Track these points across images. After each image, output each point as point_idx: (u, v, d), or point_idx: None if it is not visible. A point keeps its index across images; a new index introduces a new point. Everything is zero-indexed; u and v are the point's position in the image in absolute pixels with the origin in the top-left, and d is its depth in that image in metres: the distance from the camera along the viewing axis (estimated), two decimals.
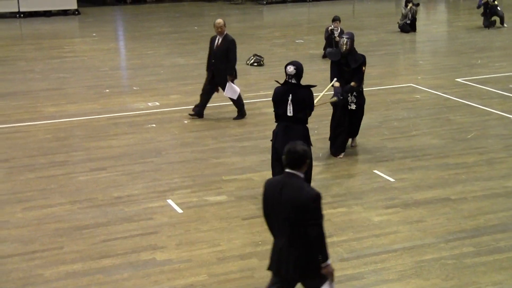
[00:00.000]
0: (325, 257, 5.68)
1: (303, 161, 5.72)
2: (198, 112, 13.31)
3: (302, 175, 5.74)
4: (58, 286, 7.40)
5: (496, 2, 23.64)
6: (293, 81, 9.06)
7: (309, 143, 9.45)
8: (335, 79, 10.97)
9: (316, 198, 5.60)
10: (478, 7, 23.90)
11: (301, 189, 5.64)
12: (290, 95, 9.02)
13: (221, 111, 13.80)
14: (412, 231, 8.51)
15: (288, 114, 9.07)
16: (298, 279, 5.84)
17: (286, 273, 5.80)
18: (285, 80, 9.15)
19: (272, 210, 5.82)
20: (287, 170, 5.76)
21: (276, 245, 5.88)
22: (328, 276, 5.74)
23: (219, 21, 13.18)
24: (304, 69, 8.99)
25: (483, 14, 23.74)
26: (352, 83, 10.87)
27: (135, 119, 13.38)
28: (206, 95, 13.31)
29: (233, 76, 13.13)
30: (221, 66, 13.02)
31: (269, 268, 6.01)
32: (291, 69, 9.01)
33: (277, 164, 9.33)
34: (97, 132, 12.59)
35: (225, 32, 13.13)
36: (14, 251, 8.14)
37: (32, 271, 7.70)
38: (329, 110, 11.48)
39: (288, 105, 9.01)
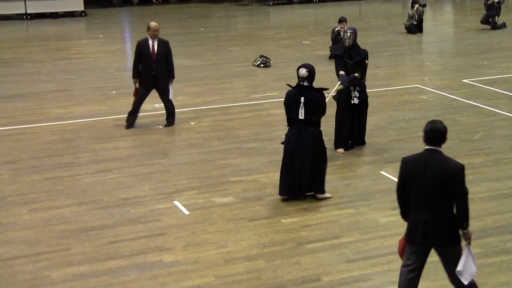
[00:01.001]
0: (468, 223, 6.26)
1: (444, 137, 6.26)
2: (133, 121, 12.95)
3: (441, 150, 6.26)
4: None
5: (499, 3, 23.53)
6: (305, 83, 9.04)
7: (323, 146, 9.42)
8: (342, 72, 11.05)
9: (462, 169, 6.18)
10: (485, 5, 23.80)
11: (447, 163, 6.22)
12: (302, 98, 8.99)
13: (227, 112, 13.79)
14: None
15: (300, 117, 9.05)
16: (442, 245, 6.37)
17: (433, 240, 6.34)
18: (297, 83, 9.10)
19: (414, 186, 6.30)
20: (428, 147, 6.27)
21: (420, 217, 6.34)
22: (468, 240, 6.33)
23: (156, 24, 12.80)
24: None
25: (488, 13, 23.66)
26: (356, 74, 10.97)
27: (141, 120, 13.37)
28: (140, 104, 12.91)
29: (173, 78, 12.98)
30: (163, 70, 12.67)
31: (411, 240, 6.48)
32: (303, 71, 8.98)
33: (288, 168, 9.24)
34: (104, 134, 12.60)
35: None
36: (20, 253, 8.15)
37: (39, 272, 7.70)
38: (333, 110, 11.46)
39: (300, 108, 8.99)
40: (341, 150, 11.28)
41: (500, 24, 23.58)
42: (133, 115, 12.91)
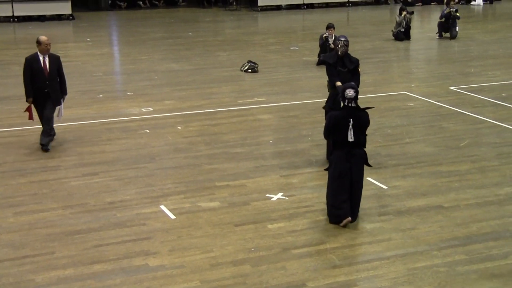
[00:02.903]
0: None
1: None
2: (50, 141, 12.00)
3: None
4: None
5: (458, 14, 23.70)
6: (353, 104, 8.80)
7: (368, 165, 9.20)
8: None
9: None
10: (441, 17, 23.99)
11: None
12: (351, 119, 8.74)
13: (214, 117, 13.79)
14: (404, 239, 8.51)
15: (349, 139, 8.73)
16: None
17: None
18: (344, 105, 8.83)
19: None
20: None
21: None
22: None
23: (47, 38, 11.97)
24: (299, 76, 9.03)
25: (444, 24, 23.81)
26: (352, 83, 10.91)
27: (128, 124, 13.35)
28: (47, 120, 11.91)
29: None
30: (56, 86, 11.83)
31: None
32: (351, 92, 8.74)
33: (341, 194, 8.83)
34: (90, 137, 12.55)
35: None
36: (5, 256, 8.09)
37: (23, 276, 7.66)
38: (323, 116, 11.47)
39: (349, 130, 8.71)
40: None
41: (456, 33, 23.72)
42: (47, 135, 11.90)
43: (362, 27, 27.08)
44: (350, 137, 8.73)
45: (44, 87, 11.74)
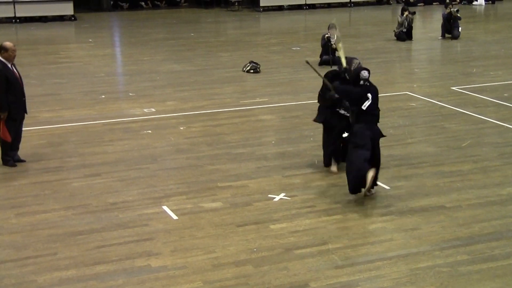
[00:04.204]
0: None
1: None
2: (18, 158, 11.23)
3: None
4: None
5: (459, 15, 23.67)
6: (367, 83, 9.75)
7: (383, 135, 10.19)
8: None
9: None
10: (443, 19, 23.96)
11: None
12: (369, 94, 9.72)
13: (216, 118, 13.79)
14: (407, 239, 8.50)
15: (363, 108, 9.70)
16: None
17: None
18: (360, 84, 9.73)
19: None
20: None
21: None
22: None
23: (13, 44, 10.84)
24: (301, 76, 9.08)
25: (446, 25, 23.79)
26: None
27: (130, 125, 13.35)
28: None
29: None
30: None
31: None
32: (365, 73, 9.71)
33: (364, 159, 9.52)
34: (92, 138, 12.56)
35: None
36: (7, 257, 8.10)
37: (25, 277, 7.66)
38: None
39: (368, 101, 9.68)
40: (334, 168, 10.97)
41: (458, 33, 23.69)
42: (10, 153, 11.14)
43: (364, 27, 27.08)
44: (365, 107, 9.68)
45: (22, 96, 11.03)
